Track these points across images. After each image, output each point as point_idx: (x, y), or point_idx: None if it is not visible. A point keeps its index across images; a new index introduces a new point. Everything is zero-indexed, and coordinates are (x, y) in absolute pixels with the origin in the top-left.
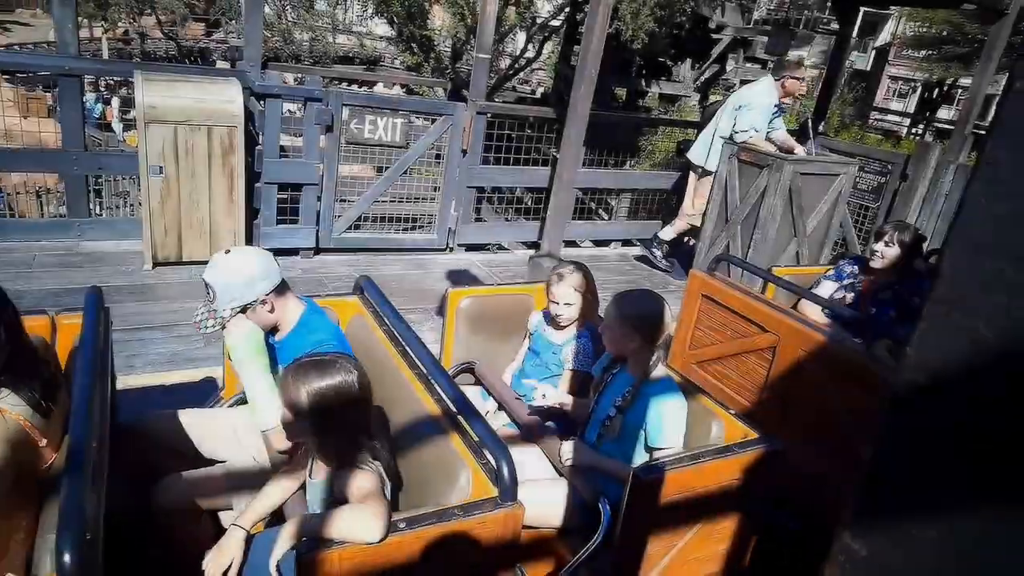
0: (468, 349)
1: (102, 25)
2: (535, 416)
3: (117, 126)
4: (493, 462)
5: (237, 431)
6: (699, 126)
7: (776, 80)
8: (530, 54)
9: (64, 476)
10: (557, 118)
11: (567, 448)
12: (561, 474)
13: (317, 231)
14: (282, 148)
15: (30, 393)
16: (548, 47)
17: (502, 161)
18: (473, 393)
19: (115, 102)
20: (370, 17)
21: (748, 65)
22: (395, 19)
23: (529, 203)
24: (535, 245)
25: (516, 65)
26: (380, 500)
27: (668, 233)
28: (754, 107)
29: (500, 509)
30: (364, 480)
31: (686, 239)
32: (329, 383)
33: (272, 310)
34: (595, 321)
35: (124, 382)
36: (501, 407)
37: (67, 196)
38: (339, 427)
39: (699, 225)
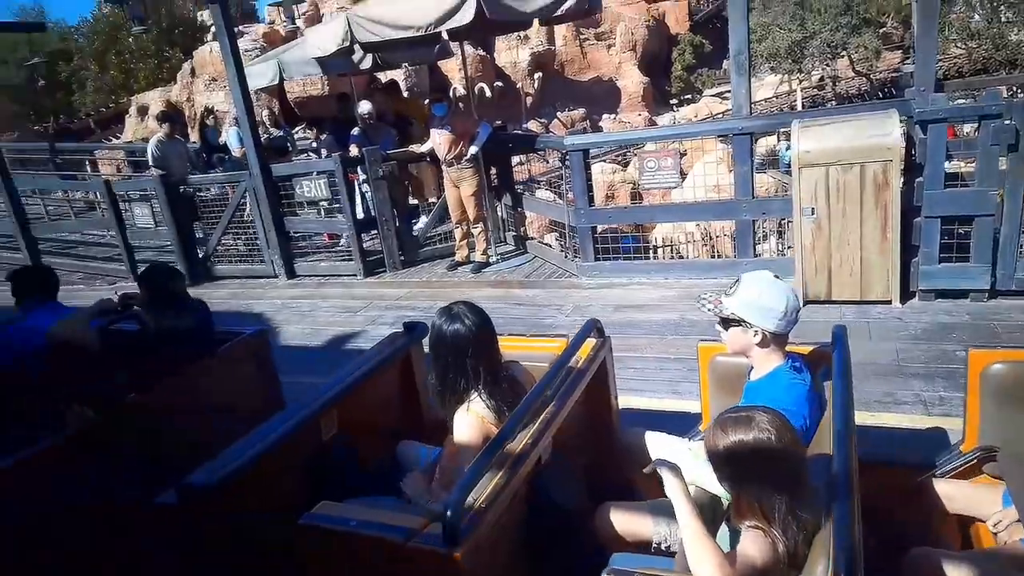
0: (1003, 430)
1: (797, 78)
2: None
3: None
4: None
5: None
6: None
7: None
8: None
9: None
10: None
11: None
12: None
13: (993, 271)
14: (951, 176)
15: (492, 400)
16: None
17: None
18: (993, 493)
19: None
20: None
21: None
22: None
23: None
24: None
25: None
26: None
27: None
28: None
29: None
30: (755, 547)
31: None
32: (742, 438)
33: (760, 344)
34: None
35: None
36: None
37: (737, 238)
38: (752, 483)
39: None
